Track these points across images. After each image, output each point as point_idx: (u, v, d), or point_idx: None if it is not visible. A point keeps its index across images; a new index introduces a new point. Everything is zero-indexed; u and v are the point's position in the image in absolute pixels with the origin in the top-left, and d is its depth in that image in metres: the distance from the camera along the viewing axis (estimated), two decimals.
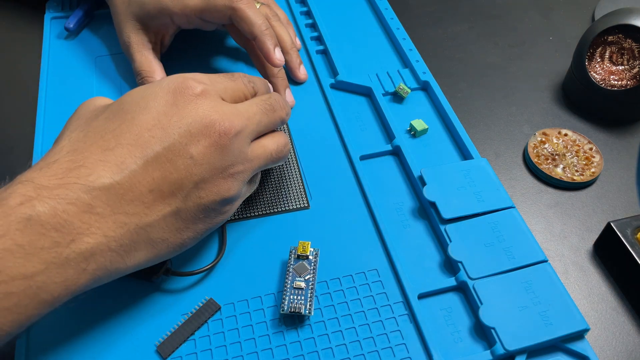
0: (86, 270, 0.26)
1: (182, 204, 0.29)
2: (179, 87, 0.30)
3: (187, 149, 0.29)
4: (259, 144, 0.33)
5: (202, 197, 0.30)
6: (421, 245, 0.36)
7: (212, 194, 0.30)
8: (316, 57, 0.49)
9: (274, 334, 0.32)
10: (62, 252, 0.25)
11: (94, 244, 0.26)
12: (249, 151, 0.32)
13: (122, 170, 0.27)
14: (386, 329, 0.32)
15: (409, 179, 0.40)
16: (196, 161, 0.29)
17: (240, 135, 0.31)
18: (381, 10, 0.53)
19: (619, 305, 0.35)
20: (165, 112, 0.29)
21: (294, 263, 0.34)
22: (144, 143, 0.28)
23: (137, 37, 0.43)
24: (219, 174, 0.30)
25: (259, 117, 0.33)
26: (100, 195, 0.27)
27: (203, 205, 0.30)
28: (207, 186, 0.30)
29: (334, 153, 0.42)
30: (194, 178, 0.29)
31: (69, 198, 0.26)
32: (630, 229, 0.36)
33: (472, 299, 0.33)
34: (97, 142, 0.28)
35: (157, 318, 0.33)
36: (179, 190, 0.29)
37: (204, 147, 0.29)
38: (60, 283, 0.25)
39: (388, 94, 0.46)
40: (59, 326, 0.32)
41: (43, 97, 0.45)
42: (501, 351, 0.30)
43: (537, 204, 0.40)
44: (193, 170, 0.29)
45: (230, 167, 0.31)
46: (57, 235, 0.25)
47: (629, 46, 0.44)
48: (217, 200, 0.30)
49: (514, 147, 0.44)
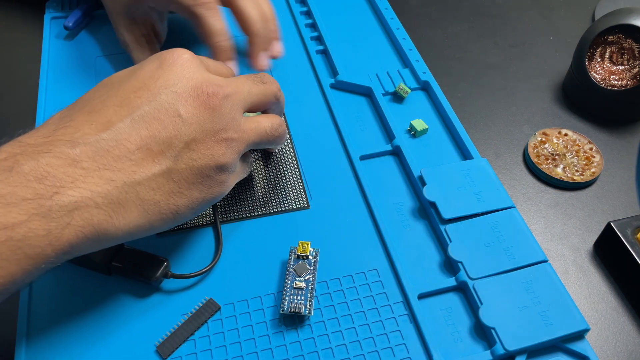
0: (70, 225, 0.25)
1: (173, 164, 0.29)
2: (164, 55, 0.31)
3: (175, 108, 0.29)
4: (253, 119, 0.33)
5: (194, 158, 0.29)
6: (421, 245, 0.36)
7: (206, 157, 0.29)
8: (316, 57, 0.49)
9: (274, 334, 0.32)
10: (45, 203, 0.24)
11: (79, 197, 0.25)
12: (242, 120, 0.31)
13: (108, 127, 0.27)
14: (386, 329, 0.32)
15: (409, 179, 0.40)
16: (185, 120, 0.29)
17: (230, 99, 0.30)
18: (381, 10, 0.53)
19: (619, 305, 0.35)
20: (151, 76, 0.29)
21: (293, 263, 0.34)
22: (130, 103, 0.28)
23: (130, 34, 0.44)
24: (210, 136, 0.30)
25: (249, 86, 0.33)
26: (86, 151, 0.26)
27: (196, 169, 0.29)
28: (199, 147, 0.29)
29: (334, 153, 0.42)
30: (184, 137, 0.29)
31: (53, 152, 0.26)
32: (631, 229, 0.36)
33: (472, 299, 0.33)
34: (83, 107, 0.29)
35: (157, 318, 0.32)
36: (168, 149, 0.28)
37: (193, 107, 0.29)
38: (43, 237, 0.24)
39: (388, 94, 0.46)
40: (58, 326, 0.32)
41: (43, 97, 0.45)
42: (501, 351, 0.30)
43: (537, 204, 0.40)
44: (182, 129, 0.29)
45: (223, 131, 0.30)
46: (39, 186, 0.25)
47: (629, 46, 0.44)
48: (212, 165, 0.30)
49: (514, 147, 0.44)
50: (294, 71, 0.48)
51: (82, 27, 0.51)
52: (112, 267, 0.33)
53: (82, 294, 0.33)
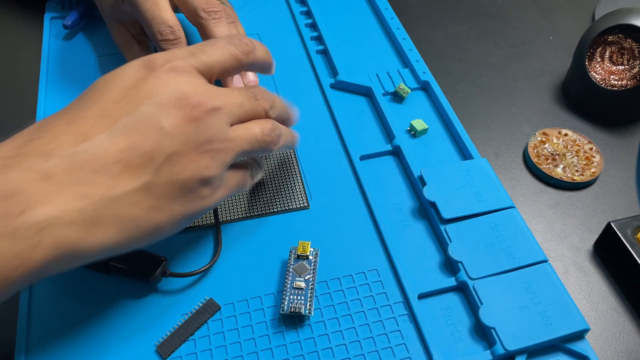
0: (41, 244, 0.24)
1: (153, 178, 0.27)
2: (149, 62, 0.29)
3: (156, 119, 0.27)
4: (242, 126, 0.31)
5: (175, 172, 0.27)
6: (421, 245, 0.36)
7: (188, 170, 0.28)
8: (316, 57, 0.49)
9: (274, 334, 0.32)
10: (11, 222, 0.23)
11: (49, 214, 0.24)
12: (230, 130, 0.30)
13: (85, 139, 0.26)
14: (386, 329, 0.32)
15: (409, 179, 0.40)
16: (167, 132, 0.27)
17: (217, 112, 0.29)
18: (381, 10, 0.53)
19: (619, 305, 0.35)
20: (134, 86, 0.28)
21: (293, 263, 0.34)
22: (110, 114, 0.27)
23: (120, 35, 0.44)
24: (194, 149, 0.28)
25: (241, 99, 0.31)
26: (60, 164, 0.25)
27: (178, 182, 0.27)
28: (181, 161, 0.27)
29: (334, 153, 0.42)
30: (166, 150, 0.27)
31: (24, 165, 0.24)
32: (631, 229, 0.36)
33: (472, 299, 0.33)
34: (62, 117, 0.27)
35: (157, 318, 0.32)
36: (148, 163, 0.27)
37: (176, 119, 0.27)
38: (13, 257, 0.23)
39: (388, 94, 0.46)
40: (58, 327, 0.32)
41: (43, 97, 0.45)
42: (501, 351, 0.30)
43: (537, 204, 0.40)
44: (164, 142, 0.27)
45: (207, 143, 0.28)
46: (7, 203, 0.23)
47: (629, 46, 0.44)
48: (194, 178, 0.28)
49: (514, 147, 0.44)
50: (294, 71, 0.48)
51: (82, 27, 0.51)
52: (110, 267, 0.33)
53: (82, 294, 0.33)
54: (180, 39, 0.39)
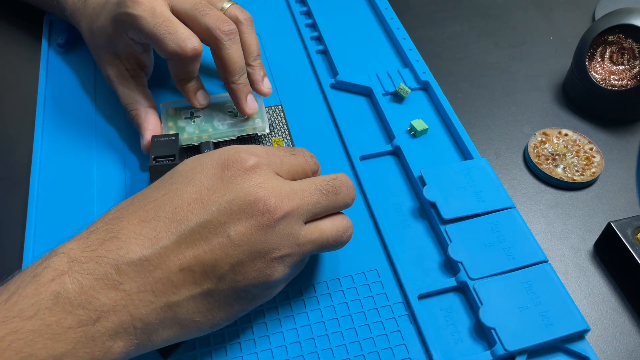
0: (112, 349, 0.26)
1: (215, 286, 0.27)
2: (228, 160, 0.29)
3: (224, 228, 0.27)
4: (316, 227, 0.30)
5: (238, 280, 0.28)
6: (421, 246, 0.36)
7: (251, 278, 0.28)
8: (316, 57, 0.49)
9: (274, 334, 0.32)
10: (89, 330, 0.25)
11: (119, 322, 0.25)
12: (301, 234, 0.29)
13: (154, 245, 0.26)
14: (386, 329, 0.32)
15: (409, 179, 0.40)
16: (234, 242, 0.27)
17: (289, 216, 0.28)
18: (381, 10, 0.53)
19: (619, 306, 0.35)
20: (209, 187, 0.28)
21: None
22: (181, 218, 0.27)
23: (113, 69, 0.41)
24: (259, 258, 0.28)
25: (317, 197, 0.30)
26: (128, 271, 0.26)
27: (239, 289, 0.28)
28: (245, 269, 0.28)
29: (334, 153, 0.42)
30: (230, 260, 0.27)
31: (97, 273, 0.25)
32: (631, 229, 0.36)
33: (472, 299, 0.33)
34: (137, 211, 0.28)
35: None
36: (212, 272, 0.27)
37: (244, 227, 0.27)
38: None
39: (388, 94, 0.46)
40: None
41: (42, 98, 0.45)
42: (501, 351, 0.30)
43: (537, 204, 0.40)
44: (229, 252, 0.27)
45: (275, 250, 0.28)
46: (83, 312, 0.25)
47: (629, 46, 0.44)
48: (257, 285, 0.28)
49: (514, 147, 0.44)
50: (294, 71, 0.48)
51: (74, 44, 0.50)
52: None
53: None
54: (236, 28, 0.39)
